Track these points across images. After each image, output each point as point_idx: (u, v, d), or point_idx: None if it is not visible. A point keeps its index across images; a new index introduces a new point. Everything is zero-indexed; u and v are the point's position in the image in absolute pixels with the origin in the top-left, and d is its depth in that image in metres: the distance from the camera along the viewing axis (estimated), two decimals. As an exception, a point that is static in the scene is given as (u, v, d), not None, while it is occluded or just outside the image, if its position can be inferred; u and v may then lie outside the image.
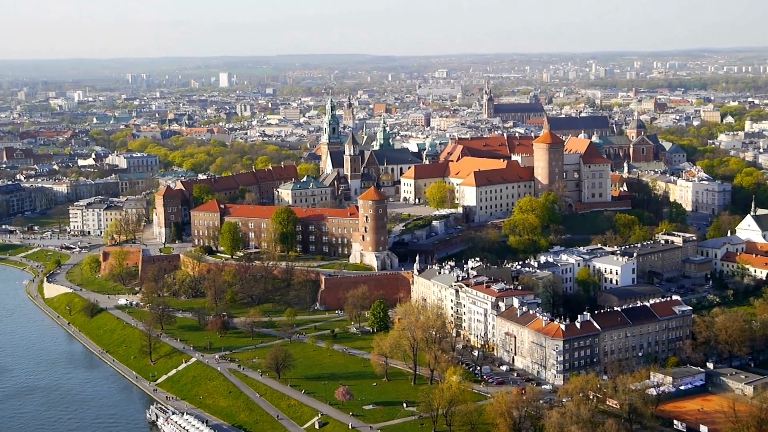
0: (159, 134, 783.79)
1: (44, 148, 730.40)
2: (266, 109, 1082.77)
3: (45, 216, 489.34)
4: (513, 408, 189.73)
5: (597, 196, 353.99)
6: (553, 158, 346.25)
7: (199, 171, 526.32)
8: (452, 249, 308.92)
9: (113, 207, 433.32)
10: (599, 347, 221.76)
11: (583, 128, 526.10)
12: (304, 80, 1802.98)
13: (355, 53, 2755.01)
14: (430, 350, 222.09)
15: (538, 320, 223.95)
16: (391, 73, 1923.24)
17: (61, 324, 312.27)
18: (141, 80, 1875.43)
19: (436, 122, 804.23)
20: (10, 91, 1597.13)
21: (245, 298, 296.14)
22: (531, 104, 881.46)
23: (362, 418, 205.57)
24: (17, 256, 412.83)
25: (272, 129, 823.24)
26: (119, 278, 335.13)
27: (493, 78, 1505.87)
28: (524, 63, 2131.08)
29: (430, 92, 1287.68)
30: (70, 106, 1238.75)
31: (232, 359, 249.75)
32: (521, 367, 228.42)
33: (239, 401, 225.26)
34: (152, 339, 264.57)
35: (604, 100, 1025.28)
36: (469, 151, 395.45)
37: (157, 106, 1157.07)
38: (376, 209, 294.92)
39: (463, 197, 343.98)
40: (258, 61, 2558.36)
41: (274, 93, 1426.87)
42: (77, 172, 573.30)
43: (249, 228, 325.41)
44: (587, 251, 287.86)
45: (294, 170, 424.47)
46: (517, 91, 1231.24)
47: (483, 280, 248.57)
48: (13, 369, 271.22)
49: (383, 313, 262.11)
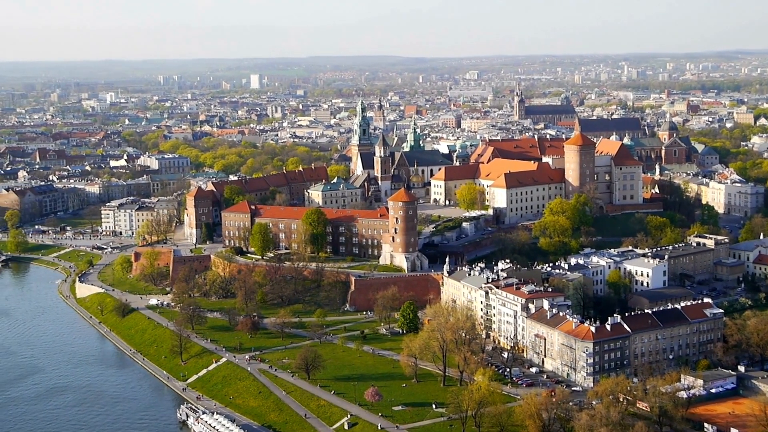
0: (190, 135, 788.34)
1: (77, 149, 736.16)
2: (297, 110, 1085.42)
3: (77, 216, 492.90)
4: (542, 410, 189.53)
5: (628, 198, 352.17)
6: (584, 160, 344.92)
7: (230, 172, 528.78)
8: (482, 251, 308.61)
9: (145, 208, 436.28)
10: (629, 349, 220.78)
11: (614, 130, 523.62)
12: (335, 82, 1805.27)
13: (385, 55, 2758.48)
14: (460, 352, 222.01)
15: (568, 322, 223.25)
16: (422, 74, 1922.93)
17: (93, 324, 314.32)
18: (173, 82, 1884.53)
19: (467, 124, 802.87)
20: (43, 92, 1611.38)
21: (275, 298, 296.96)
22: (562, 106, 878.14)
23: (391, 418, 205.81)
24: (50, 256, 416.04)
25: (303, 130, 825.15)
26: (150, 278, 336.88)
27: (524, 80, 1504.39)
28: (556, 65, 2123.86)
29: (461, 94, 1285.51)
30: (102, 107, 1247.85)
31: (262, 359, 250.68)
32: (551, 369, 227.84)
33: (269, 401, 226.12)
34: (183, 339, 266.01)
35: (636, 102, 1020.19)
36: (500, 152, 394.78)
37: (189, 108, 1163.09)
38: (406, 210, 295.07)
39: (494, 199, 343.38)
40: (289, 62, 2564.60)
41: (304, 95, 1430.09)
42: (109, 173, 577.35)
43: (279, 229, 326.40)
44: (618, 253, 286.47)
45: (324, 172, 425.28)
46: (549, 92, 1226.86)
47: (513, 281, 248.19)
48: (45, 368, 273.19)
49: (413, 314, 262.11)
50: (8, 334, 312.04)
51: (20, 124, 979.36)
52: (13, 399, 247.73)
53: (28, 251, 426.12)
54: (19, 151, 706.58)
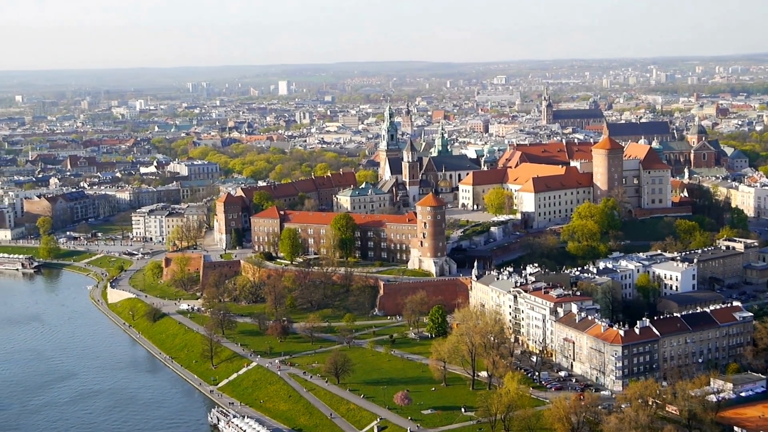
0: (219, 142, 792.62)
1: (107, 156, 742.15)
2: (325, 116, 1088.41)
3: (108, 223, 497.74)
4: (571, 413, 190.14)
5: (657, 201, 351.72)
6: (612, 164, 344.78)
7: (259, 178, 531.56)
8: (510, 255, 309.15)
9: (175, 214, 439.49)
10: (658, 353, 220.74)
11: (643, 134, 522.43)
12: (363, 88, 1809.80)
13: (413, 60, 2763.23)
14: (489, 355, 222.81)
15: (596, 326, 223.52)
16: (450, 79, 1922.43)
17: (125, 329, 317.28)
18: (201, 89, 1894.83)
19: (495, 129, 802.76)
20: (73, 100, 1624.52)
21: (305, 303, 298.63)
22: (590, 110, 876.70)
23: (421, 422, 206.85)
24: (81, 262, 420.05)
25: (331, 136, 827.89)
26: (181, 284, 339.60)
27: (552, 84, 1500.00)
28: (584, 69, 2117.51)
29: (489, 99, 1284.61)
30: (132, 114, 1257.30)
31: (292, 364, 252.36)
32: (580, 372, 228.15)
33: (299, 405, 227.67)
34: (213, 343, 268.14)
35: (665, 106, 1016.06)
36: (528, 157, 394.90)
37: (217, 114, 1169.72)
38: (434, 215, 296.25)
39: (522, 203, 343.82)
40: (317, 68, 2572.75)
41: (332, 100, 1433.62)
42: (139, 180, 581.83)
43: (308, 234, 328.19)
44: (647, 257, 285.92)
45: (353, 177, 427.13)
46: (577, 97, 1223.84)
47: (541, 285, 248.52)
48: (79, 373, 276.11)
49: (441, 318, 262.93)
50: (42, 339, 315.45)
51: (51, 131, 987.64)
52: (48, 403, 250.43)
53: (60, 257, 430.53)
54: (50, 159, 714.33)
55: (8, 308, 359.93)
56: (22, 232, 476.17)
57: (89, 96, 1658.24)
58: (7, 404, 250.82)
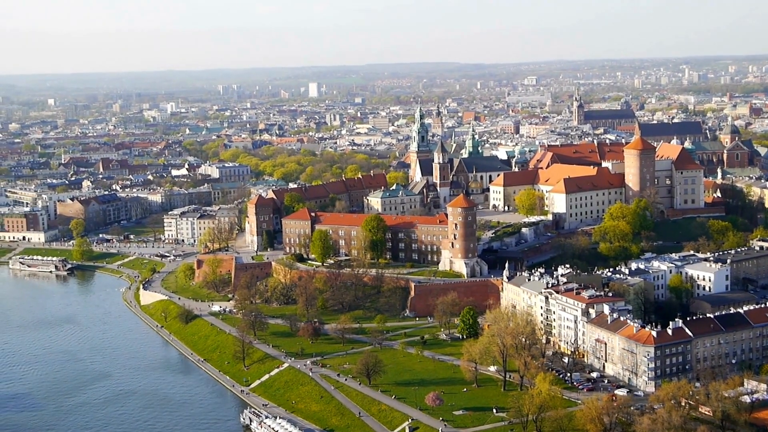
0: (250, 144, 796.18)
1: (139, 158, 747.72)
2: (355, 118, 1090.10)
3: (140, 225, 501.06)
4: (603, 414, 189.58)
5: (689, 202, 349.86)
6: (644, 164, 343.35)
7: (290, 180, 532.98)
8: (542, 256, 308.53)
9: (206, 216, 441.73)
10: (691, 354, 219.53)
11: (675, 134, 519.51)
12: (393, 89, 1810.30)
13: (443, 61, 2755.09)
14: (520, 356, 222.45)
15: (629, 327, 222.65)
16: (480, 80, 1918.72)
17: (157, 330, 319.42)
18: (232, 91, 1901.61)
19: (526, 129, 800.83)
20: (105, 103, 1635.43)
21: (336, 304, 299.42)
22: (622, 110, 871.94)
23: (452, 423, 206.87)
24: (114, 264, 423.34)
25: (361, 138, 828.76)
26: (213, 285, 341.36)
27: (583, 84, 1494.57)
28: (615, 69, 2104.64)
29: (519, 100, 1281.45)
30: (163, 117, 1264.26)
31: (324, 365, 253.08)
32: (612, 373, 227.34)
33: (330, 406, 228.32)
34: (245, 345, 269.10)
35: (698, 106, 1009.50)
36: (559, 158, 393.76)
37: (248, 117, 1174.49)
38: (465, 216, 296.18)
39: (553, 204, 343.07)
40: (347, 70, 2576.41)
41: (362, 102, 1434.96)
42: (171, 182, 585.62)
43: (339, 236, 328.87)
44: (679, 258, 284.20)
45: (383, 178, 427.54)
46: (608, 97, 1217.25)
47: (573, 286, 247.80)
48: (112, 373, 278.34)
49: (473, 319, 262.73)
50: (76, 340, 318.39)
51: (83, 134, 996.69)
52: (83, 403, 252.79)
53: (93, 259, 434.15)
54: (82, 161, 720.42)
55: (42, 310, 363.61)
56: (56, 234, 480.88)
57: (121, 99, 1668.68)
58: (43, 404, 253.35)
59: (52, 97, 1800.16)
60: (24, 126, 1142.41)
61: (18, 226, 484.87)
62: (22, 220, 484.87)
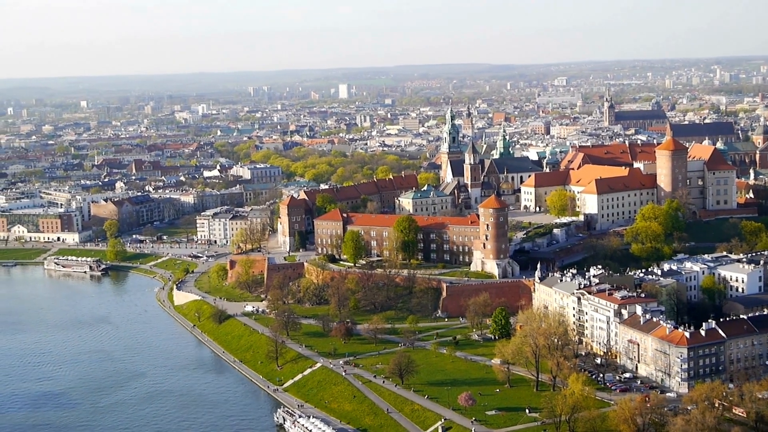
0: (281, 145, 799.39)
1: (171, 160, 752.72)
2: (385, 119, 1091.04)
3: (173, 226, 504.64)
4: (637, 415, 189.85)
5: (722, 203, 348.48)
6: (676, 165, 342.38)
7: (321, 181, 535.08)
8: (573, 257, 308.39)
9: (238, 217, 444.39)
10: (725, 355, 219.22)
11: (707, 135, 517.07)
12: (423, 90, 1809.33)
13: (473, 62, 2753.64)
14: (553, 357, 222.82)
15: (661, 328, 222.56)
16: (510, 81, 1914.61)
17: (191, 330, 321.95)
18: (262, 93, 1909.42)
19: (556, 130, 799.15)
20: (137, 105, 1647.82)
21: (368, 305, 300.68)
22: (653, 111, 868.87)
23: (485, 423, 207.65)
24: (147, 265, 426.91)
25: (392, 139, 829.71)
26: (245, 286, 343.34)
27: (613, 85, 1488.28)
28: (646, 69, 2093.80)
29: (550, 100, 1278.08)
30: (194, 119, 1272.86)
31: (356, 365, 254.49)
32: (644, 374, 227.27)
33: (363, 405, 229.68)
34: (278, 345, 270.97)
35: (729, 106, 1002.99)
36: (590, 158, 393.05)
37: (279, 118, 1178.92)
38: (497, 217, 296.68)
39: (584, 205, 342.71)
40: (377, 72, 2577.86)
41: (393, 103, 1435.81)
42: (203, 183, 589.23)
43: (371, 236, 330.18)
44: (712, 259, 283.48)
45: (414, 179, 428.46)
46: (639, 98, 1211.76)
47: (605, 287, 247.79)
48: (146, 373, 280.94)
49: (505, 320, 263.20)
50: (110, 340, 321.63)
51: (116, 136, 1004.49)
52: (119, 402, 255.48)
53: (127, 260, 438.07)
54: (115, 163, 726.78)
55: (77, 310, 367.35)
56: (90, 235, 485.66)
57: (152, 101, 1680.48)
58: (79, 403, 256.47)
59: (84, 99, 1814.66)
60: (57, 128, 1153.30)
61: (53, 227, 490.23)
62: (56, 221, 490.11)
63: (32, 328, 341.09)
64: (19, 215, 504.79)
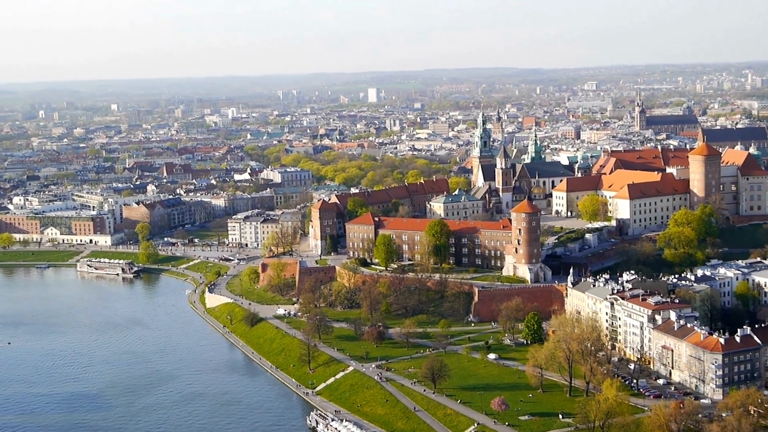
0: (311, 149, 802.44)
1: (201, 163, 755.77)
2: (415, 123, 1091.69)
3: (204, 229, 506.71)
4: (671, 421, 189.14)
5: (756, 208, 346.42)
6: (709, 170, 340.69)
7: (351, 185, 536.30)
8: (606, 262, 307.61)
9: (269, 220, 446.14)
10: (760, 362, 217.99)
11: (739, 140, 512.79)
12: (452, 94, 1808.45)
13: (502, 66, 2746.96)
14: (586, 362, 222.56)
15: (696, 334, 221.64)
16: (539, 86, 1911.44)
17: (223, 333, 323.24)
18: (292, 96, 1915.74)
19: (586, 135, 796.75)
20: (167, 108, 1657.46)
21: (400, 309, 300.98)
22: (684, 116, 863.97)
23: (518, 428, 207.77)
24: (179, 267, 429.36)
25: (421, 143, 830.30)
26: (277, 289, 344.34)
27: (644, 90, 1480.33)
28: (676, 74, 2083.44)
29: (580, 105, 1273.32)
30: (224, 122, 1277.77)
31: (388, 368, 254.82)
32: (678, 380, 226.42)
33: (396, 409, 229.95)
34: (310, 348, 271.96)
35: (762, 111, 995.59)
36: (622, 163, 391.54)
37: (308, 122, 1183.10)
38: (529, 222, 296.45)
39: (617, 210, 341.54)
40: (406, 76, 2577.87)
41: (422, 107, 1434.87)
42: (234, 187, 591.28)
43: (403, 240, 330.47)
44: (746, 265, 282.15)
45: (446, 184, 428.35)
46: (670, 102, 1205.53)
47: (638, 293, 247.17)
48: (179, 375, 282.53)
49: (537, 325, 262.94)
50: (143, 342, 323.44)
51: (147, 139, 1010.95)
52: (153, 405, 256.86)
53: (159, 262, 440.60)
54: (146, 166, 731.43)
55: (110, 312, 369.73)
56: (122, 237, 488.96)
57: (182, 104, 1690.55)
58: (113, 405, 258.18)
59: (115, 102, 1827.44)
60: (88, 131, 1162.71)
61: (85, 229, 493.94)
62: (89, 224, 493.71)
63: (66, 330, 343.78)
64: (52, 218, 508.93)
